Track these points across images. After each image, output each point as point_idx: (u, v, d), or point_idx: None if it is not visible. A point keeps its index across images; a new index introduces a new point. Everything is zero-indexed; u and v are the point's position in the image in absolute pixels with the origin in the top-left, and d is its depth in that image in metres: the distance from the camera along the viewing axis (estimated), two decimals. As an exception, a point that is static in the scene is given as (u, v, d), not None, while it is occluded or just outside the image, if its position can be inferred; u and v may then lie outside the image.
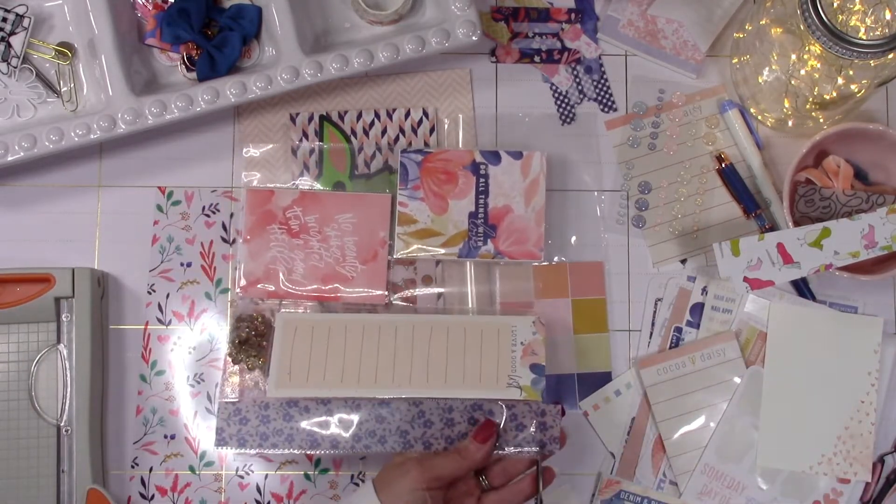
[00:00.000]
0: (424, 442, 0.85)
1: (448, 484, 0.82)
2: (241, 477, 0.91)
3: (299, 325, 0.89)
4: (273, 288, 0.90)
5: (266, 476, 0.91)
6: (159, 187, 0.94)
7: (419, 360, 0.88)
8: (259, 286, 0.90)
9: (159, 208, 0.93)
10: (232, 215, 0.93)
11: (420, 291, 0.92)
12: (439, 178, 0.91)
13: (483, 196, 0.92)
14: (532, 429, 0.85)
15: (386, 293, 0.91)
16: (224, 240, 0.93)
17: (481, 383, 0.88)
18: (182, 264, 0.93)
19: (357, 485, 0.91)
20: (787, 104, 0.91)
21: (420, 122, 0.95)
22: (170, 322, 0.92)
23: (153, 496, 0.91)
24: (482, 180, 0.92)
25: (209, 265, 0.93)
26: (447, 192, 0.92)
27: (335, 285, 0.91)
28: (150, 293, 0.92)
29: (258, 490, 0.91)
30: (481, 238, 0.91)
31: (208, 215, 0.93)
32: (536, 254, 0.92)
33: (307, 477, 0.91)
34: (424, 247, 0.91)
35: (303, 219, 0.91)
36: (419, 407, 0.87)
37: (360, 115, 0.95)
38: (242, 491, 0.91)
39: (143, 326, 0.92)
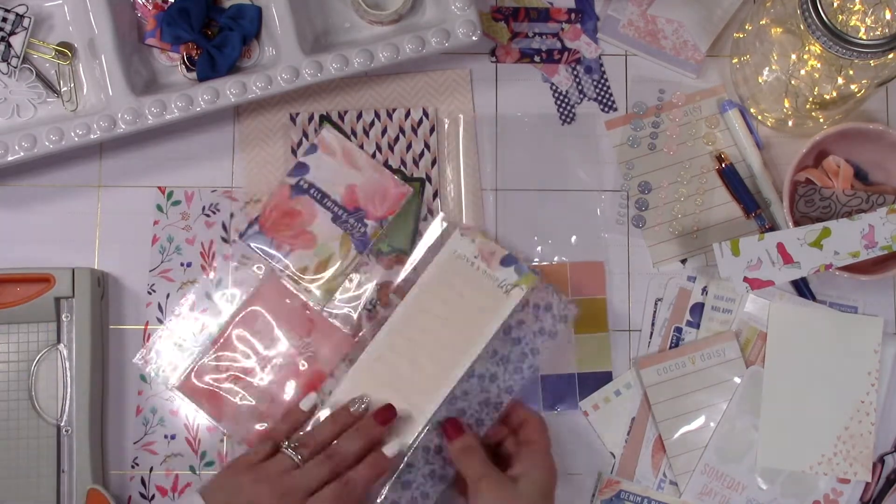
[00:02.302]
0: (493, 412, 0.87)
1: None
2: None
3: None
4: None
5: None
6: (159, 187, 0.94)
7: (431, 349, 0.88)
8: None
9: (159, 208, 0.93)
10: (232, 215, 0.93)
11: (385, 311, 0.91)
12: (285, 223, 0.91)
13: (325, 199, 0.91)
14: (553, 311, 0.88)
15: (351, 332, 0.91)
16: (224, 240, 0.93)
17: (489, 317, 0.88)
18: (182, 264, 0.93)
19: None
20: (787, 104, 0.91)
21: (420, 122, 0.95)
22: (170, 322, 0.92)
23: (153, 496, 0.91)
24: (312, 191, 0.92)
25: (209, 265, 0.92)
26: (302, 226, 0.91)
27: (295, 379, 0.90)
28: (150, 293, 0.92)
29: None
30: (360, 225, 0.91)
31: (208, 215, 0.93)
32: (406, 188, 0.92)
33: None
34: (333, 276, 0.90)
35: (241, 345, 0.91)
36: (466, 385, 0.87)
37: (360, 115, 0.95)
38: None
39: (143, 327, 0.92)
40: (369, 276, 0.92)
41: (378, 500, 0.84)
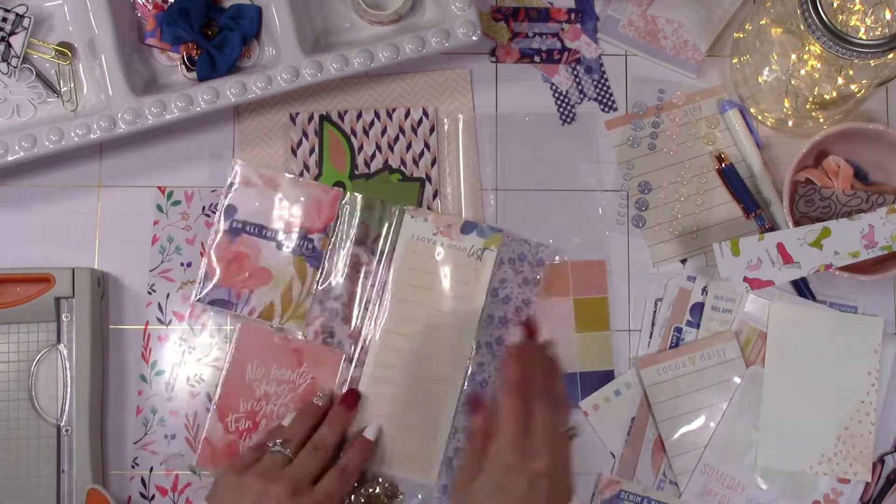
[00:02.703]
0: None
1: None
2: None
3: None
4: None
5: None
6: (159, 187, 0.94)
7: (430, 336, 0.89)
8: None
9: (159, 208, 0.93)
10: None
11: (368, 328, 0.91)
12: (235, 269, 0.91)
13: (264, 231, 0.91)
14: (528, 258, 0.90)
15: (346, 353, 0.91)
16: (224, 240, 0.93)
17: (473, 288, 0.89)
18: (182, 264, 0.93)
19: None
20: (787, 104, 0.91)
21: (420, 121, 0.95)
22: (170, 322, 0.92)
23: (153, 496, 0.91)
24: (248, 228, 0.91)
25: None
26: (252, 265, 0.91)
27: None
28: (150, 293, 0.92)
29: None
30: (306, 243, 0.91)
31: (208, 215, 0.93)
32: (335, 191, 0.92)
33: None
34: (299, 301, 0.90)
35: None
36: (478, 357, 0.89)
37: (360, 115, 0.95)
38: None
39: (143, 326, 0.92)
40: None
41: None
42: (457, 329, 0.90)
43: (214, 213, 0.93)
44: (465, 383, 0.90)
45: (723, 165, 0.95)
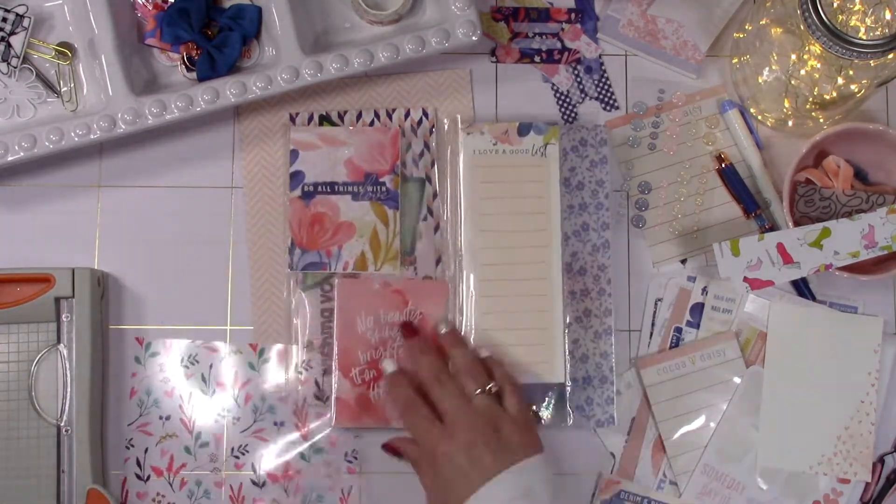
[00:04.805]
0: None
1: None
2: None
3: None
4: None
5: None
6: (137, 338, 0.92)
7: (519, 244, 0.91)
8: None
9: (137, 360, 0.93)
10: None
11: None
12: (318, 231, 0.91)
13: (335, 187, 0.92)
14: (589, 142, 0.93)
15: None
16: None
17: (546, 185, 0.92)
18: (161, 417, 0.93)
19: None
20: (787, 104, 0.91)
21: (420, 122, 0.95)
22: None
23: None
24: (319, 188, 0.92)
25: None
26: (334, 222, 0.91)
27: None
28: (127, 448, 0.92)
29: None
30: (379, 188, 0.92)
31: (187, 367, 0.93)
32: (392, 128, 0.93)
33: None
34: (388, 243, 0.91)
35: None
36: (568, 249, 0.92)
37: (360, 115, 0.95)
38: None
39: (143, 326, 0.92)
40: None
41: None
42: (541, 227, 0.91)
43: (194, 364, 0.92)
44: (564, 276, 0.91)
45: (723, 165, 0.95)
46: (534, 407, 0.90)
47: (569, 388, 0.90)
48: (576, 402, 0.90)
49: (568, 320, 0.91)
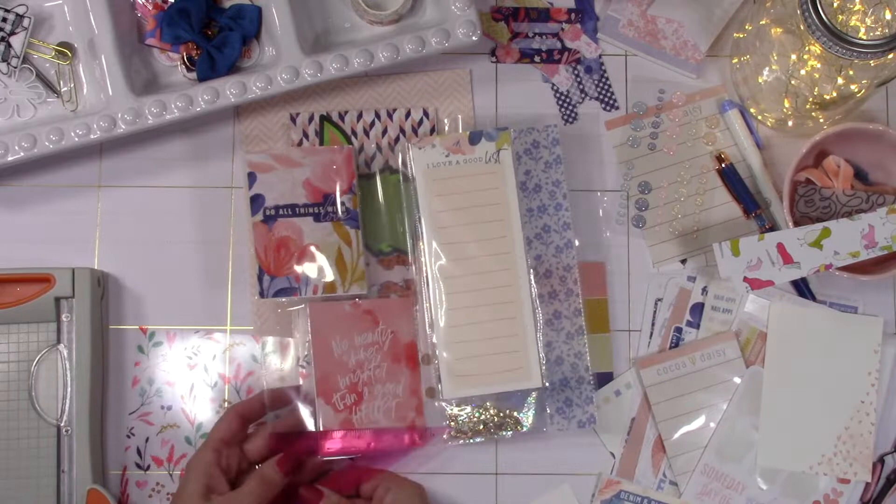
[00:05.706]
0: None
1: None
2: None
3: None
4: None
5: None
6: (140, 327, 0.93)
7: (481, 250, 0.90)
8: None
9: (140, 349, 0.93)
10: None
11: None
12: (284, 255, 0.90)
13: (296, 209, 0.90)
14: (541, 143, 0.93)
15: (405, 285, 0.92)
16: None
17: (502, 191, 0.91)
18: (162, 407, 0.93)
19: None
20: (787, 104, 0.91)
21: (420, 122, 0.95)
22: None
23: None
24: (280, 211, 0.90)
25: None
26: (298, 245, 0.90)
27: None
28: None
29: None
30: (339, 207, 0.90)
31: (190, 357, 0.93)
32: (346, 148, 0.91)
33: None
34: (353, 263, 0.90)
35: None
36: (532, 252, 0.91)
37: (360, 115, 0.95)
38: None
39: (142, 327, 0.92)
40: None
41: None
42: (501, 234, 0.90)
43: (197, 354, 0.93)
44: (531, 278, 0.90)
45: (723, 165, 0.95)
46: (515, 414, 0.90)
47: (547, 392, 0.90)
48: (555, 405, 0.90)
49: (539, 324, 0.90)
